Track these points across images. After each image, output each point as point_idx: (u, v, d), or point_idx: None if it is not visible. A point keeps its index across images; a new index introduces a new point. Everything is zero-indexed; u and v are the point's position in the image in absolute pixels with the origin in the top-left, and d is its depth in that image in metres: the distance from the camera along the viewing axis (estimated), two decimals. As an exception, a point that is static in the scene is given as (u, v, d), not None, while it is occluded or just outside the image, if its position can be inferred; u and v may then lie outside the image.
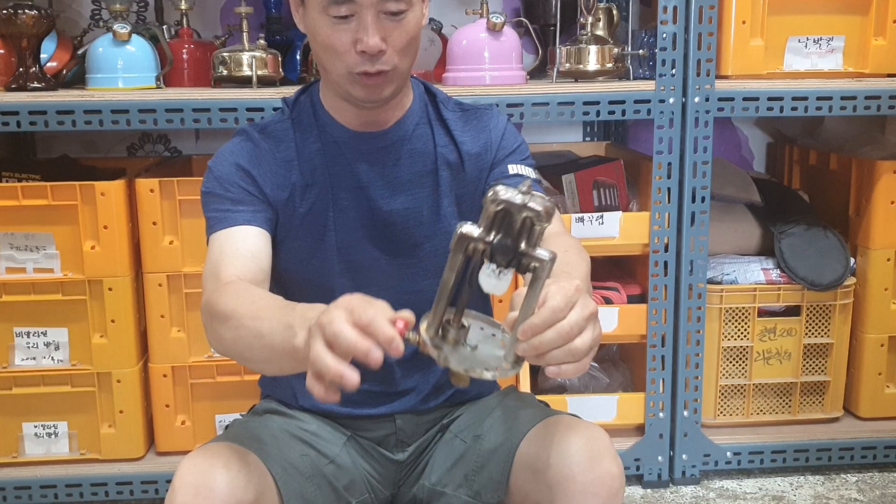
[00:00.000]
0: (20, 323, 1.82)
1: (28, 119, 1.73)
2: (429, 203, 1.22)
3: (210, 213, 1.18)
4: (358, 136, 1.20)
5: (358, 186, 1.20)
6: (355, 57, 1.09)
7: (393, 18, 1.09)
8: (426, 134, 1.24)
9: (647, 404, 1.94)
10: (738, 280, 1.98)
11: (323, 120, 1.21)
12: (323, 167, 1.20)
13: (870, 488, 1.95)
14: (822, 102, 1.84)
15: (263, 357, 0.95)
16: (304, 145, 1.20)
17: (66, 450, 1.87)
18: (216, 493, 0.98)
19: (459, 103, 1.28)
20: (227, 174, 1.17)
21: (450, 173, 1.23)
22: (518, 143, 1.28)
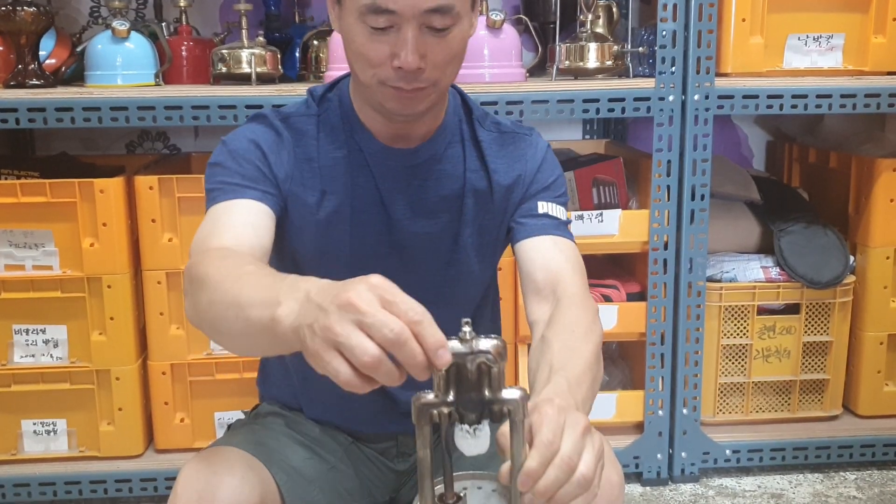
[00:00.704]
0: (19, 320, 1.82)
1: (27, 116, 1.73)
2: (450, 230, 1.15)
3: (214, 185, 1.07)
4: (386, 151, 1.12)
5: (379, 203, 1.12)
6: (390, 71, 0.99)
7: (436, 34, 0.99)
8: (457, 155, 1.15)
9: (647, 402, 1.94)
10: (737, 278, 1.98)
11: (352, 125, 1.12)
12: (345, 176, 1.11)
13: (868, 486, 1.95)
14: (822, 100, 1.84)
15: (237, 329, 0.83)
16: (328, 149, 1.11)
17: (65, 447, 1.87)
18: (219, 499, 0.96)
19: (497, 122, 1.19)
20: (242, 150, 1.08)
21: (476, 201, 1.15)
22: (554, 176, 1.19)
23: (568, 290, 1.08)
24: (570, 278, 1.10)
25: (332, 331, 0.68)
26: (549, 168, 1.19)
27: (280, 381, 1.25)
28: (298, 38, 2.06)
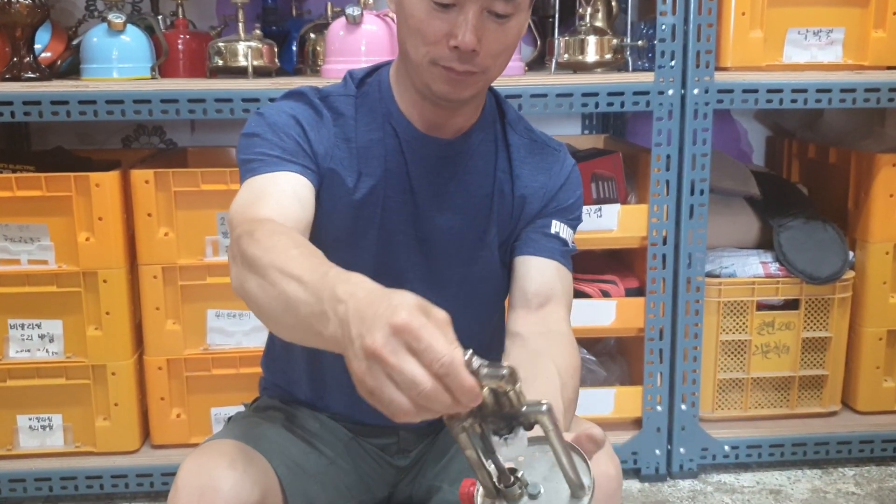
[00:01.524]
0: (14, 315, 1.81)
1: (22, 109, 1.71)
2: (476, 227, 1.14)
3: (252, 156, 1.04)
4: (422, 139, 1.10)
5: (408, 190, 1.11)
6: (445, 50, 0.99)
7: (496, 20, 0.99)
8: (489, 153, 1.15)
9: (645, 398, 1.93)
10: (736, 273, 1.97)
11: (389, 109, 1.11)
12: (379, 159, 1.10)
13: (867, 482, 1.94)
14: (822, 95, 1.83)
15: (286, 323, 0.83)
16: (365, 130, 1.10)
17: (61, 442, 1.86)
18: (221, 494, 0.95)
19: (530, 129, 1.19)
20: (282, 123, 1.06)
21: (501, 203, 1.15)
22: (574, 198, 1.18)
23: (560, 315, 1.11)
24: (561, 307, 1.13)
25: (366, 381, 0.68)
26: (571, 188, 1.18)
27: (285, 364, 1.24)
28: (295, 32, 2.05)
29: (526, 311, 1.12)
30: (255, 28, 1.88)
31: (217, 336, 1.86)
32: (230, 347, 1.86)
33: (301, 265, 0.82)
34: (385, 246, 1.11)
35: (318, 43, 1.97)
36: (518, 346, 1.09)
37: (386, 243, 1.11)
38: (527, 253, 1.15)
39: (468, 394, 0.66)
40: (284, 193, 1.00)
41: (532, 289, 1.12)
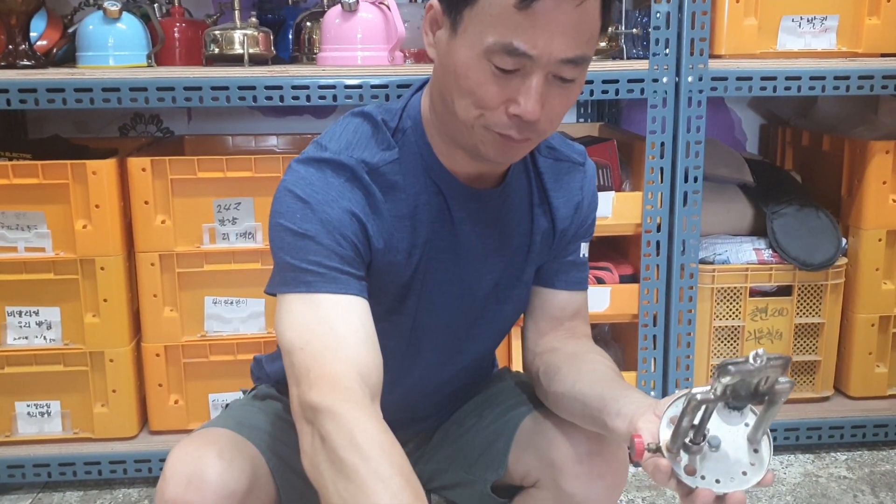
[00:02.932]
0: (12, 302, 1.82)
1: (18, 97, 1.72)
2: (515, 268, 1.11)
3: (303, 264, 0.92)
4: (466, 193, 1.03)
5: (454, 248, 1.04)
6: (503, 117, 0.90)
7: (562, 84, 0.90)
8: (523, 187, 1.08)
9: (639, 383, 1.95)
10: (730, 260, 1.99)
11: (429, 163, 1.01)
12: (427, 224, 1.02)
13: (859, 466, 1.96)
14: (816, 82, 1.84)
15: None
16: (411, 194, 1.00)
17: (60, 429, 1.87)
18: (208, 484, 0.96)
19: (551, 147, 1.11)
20: (338, 222, 0.93)
21: (542, 240, 1.10)
22: (595, 207, 1.16)
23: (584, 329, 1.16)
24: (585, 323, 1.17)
25: None
26: (595, 202, 1.16)
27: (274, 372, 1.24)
28: (291, 20, 2.05)
29: (554, 332, 1.15)
30: (251, 16, 1.88)
31: (215, 323, 1.87)
32: (228, 334, 1.87)
33: None
34: (426, 308, 1.06)
35: (314, 31, 1.97)
36: (557, 354, 1.11)
37: (427, 306, 1.06)
38: (560, 287, 1.14)
39: None
40: (358, 338, 0.90)
41: (562, 315, 1.15)
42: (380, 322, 1.01)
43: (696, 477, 0.83)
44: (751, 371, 0.76)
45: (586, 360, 1.07)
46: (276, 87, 1.73)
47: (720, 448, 0.83)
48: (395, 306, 1.05)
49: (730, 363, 0.76)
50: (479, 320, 1.12)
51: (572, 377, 1.05)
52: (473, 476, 1.17)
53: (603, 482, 1.06)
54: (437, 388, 1.17)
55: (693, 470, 0.83)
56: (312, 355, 0.89)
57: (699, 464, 0.83)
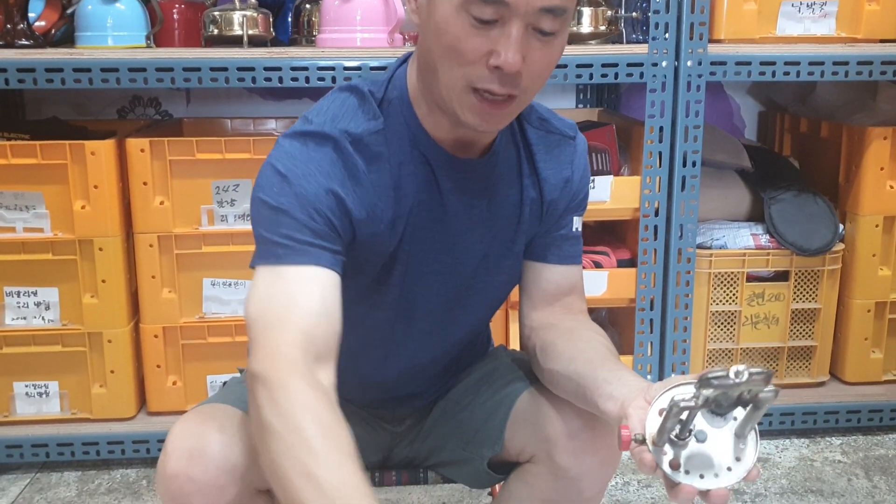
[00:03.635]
0: (10, 282, 1.82)
1: (16, 77, 1.71)
2: (504, 239, 1.10)
3: (275, 237, 0.92)
4: (453, 163, 1.02)
5: (441, 220, 1.04)
6: (484, 70, 0.89)
7: (541, 37, 0.89)
8: (512, 158, 1.08)
9: (636, 367, 1.96)
10: (727, 245, 1.99)
11: (416, 133, 1.01)
12: (412, 194, 1.01)
13: (853, 451, 1.97)
14: (815, 67, 1.84)
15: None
16: (396, 166, 1.00)
17: (58, 409, 1.88)
18: (210, 458, 0.96)
19: (542, 118, 1.10)
20: (314, 196, 0.93)
21: (531, 211, 1.10)
22: (587, 182, 1.15)
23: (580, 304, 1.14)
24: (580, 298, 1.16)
25: None
26: (587, 173, 1.14)
27: None
28: (291, 2, 2.05)
29: (551, 309, 1.14)
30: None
31: (213, 304, 1.87)
32: (226, 316, 1.88)
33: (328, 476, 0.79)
34: (413, 279, 1.06)
35: (313, 13, 1.97)
36: (553, 331, 1.11)
37: (414, 276, 1.06)
38: (552, 261, 1.14)
39: None
40: (312, 308, 0.90)
41: (557, 291, 1.14)
42: (369, 294, 1.01)
43: (680, 472, 0.82)
44: (732, 386, 0.76)
45: (582, 338, 1.07)
46: (276, 68, 1.73)
47: (706, 443, 0.83)
48: (382, 277, 1.04)
49: (712, 377, 0.75)
50: (470, 291, 1.12)
51: (567, 355, 1.04)
52: (470, 453, 1.18)
53: (596, 457, 1.07)
54: (431, 361, 1.18)
55: (677, 464, 0.82)
56: (264, 326, 0.89)
57: (684, 458, 0.82)
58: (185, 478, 0.96)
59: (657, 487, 1.81)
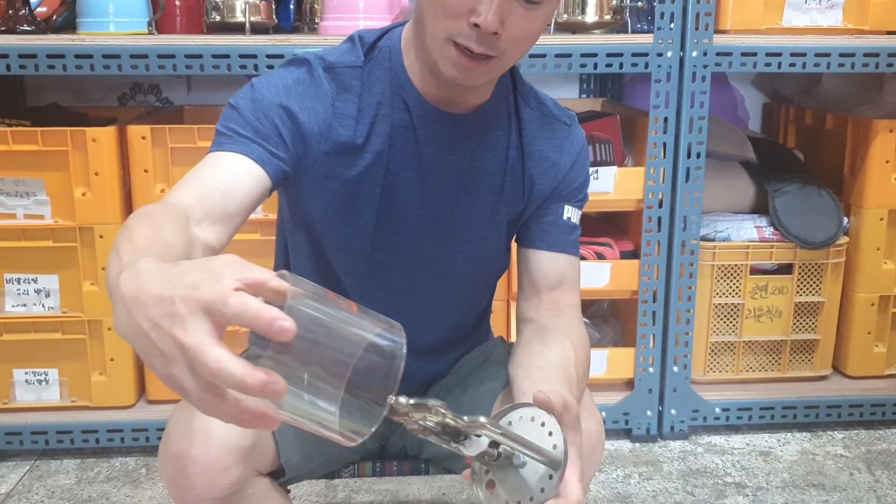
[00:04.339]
0: (10, 269, 1.81)
1: (18, 63, 1.70)
2: (485, 207, 1.10)
3: (223, 129, 0.99)
4: (435, 115, 1.04)
5: (417, 168, 1.06)
6: (465, 26, 0.91)
7: (524, 5, 0.92)
8: (503, 128, 1.09)
9: (638, 359, 1.95)
10: (731, 238, 1.98)
11: (400, 81, 1.04)
12: (385, 136, 1.04)
13: (856, 445, 1.97)
14: (821, 59, 1.83)
15: None
16: (371, 105, 1.03)
17: (57, 397, 1.87)
18: (213, 439, 0.96)
19: (541, 101, 1.13)
20: (268, 105, 0.99)
21: (513, 182, 1.11)
22: (584, 176, 1.15)
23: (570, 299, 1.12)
24: (572, 292, 1.13)
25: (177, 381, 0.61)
26: (581, 165, 1.14)
27: None
28: (293, -11, 2.03)
29: (537, 300, 1.13)
30: (253, -16, 1.86)
31: (213, 293, 1.86)
32: (226, 304, 1.86)
33: (127, 247, 0.72)
34: (386, 224, 1.07)
35: (315, 0, 1.96)
36: (530, 327, 1.11)
37: (387, 221, 1.07)
38: (539, 247, 1.13)
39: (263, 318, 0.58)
40: (215, 181, 0.93)
41: (544, 281, 1.13)
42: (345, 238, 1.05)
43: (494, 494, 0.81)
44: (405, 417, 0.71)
45: (547, 343, 1.05)
46: (278, 55, 1.72)
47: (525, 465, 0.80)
48: (349, 213, 1.05)
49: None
50: (453, 261, 1.11)
51: (520, 358, 1.04)
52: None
53: None
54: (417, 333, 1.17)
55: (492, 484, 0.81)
56: (168, 194, 0.92)
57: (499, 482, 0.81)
58: (188, 459, 0.95)
59: (658, 480, 1.81)
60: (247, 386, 0.57)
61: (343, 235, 1.08)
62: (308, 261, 1.14)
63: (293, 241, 1.17)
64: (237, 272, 0.60)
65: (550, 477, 0.79)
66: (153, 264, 0.64)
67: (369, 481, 1.80)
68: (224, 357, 0.57)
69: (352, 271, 1.11)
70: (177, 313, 0.59)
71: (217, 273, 0.60)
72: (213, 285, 0.59)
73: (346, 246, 1.09)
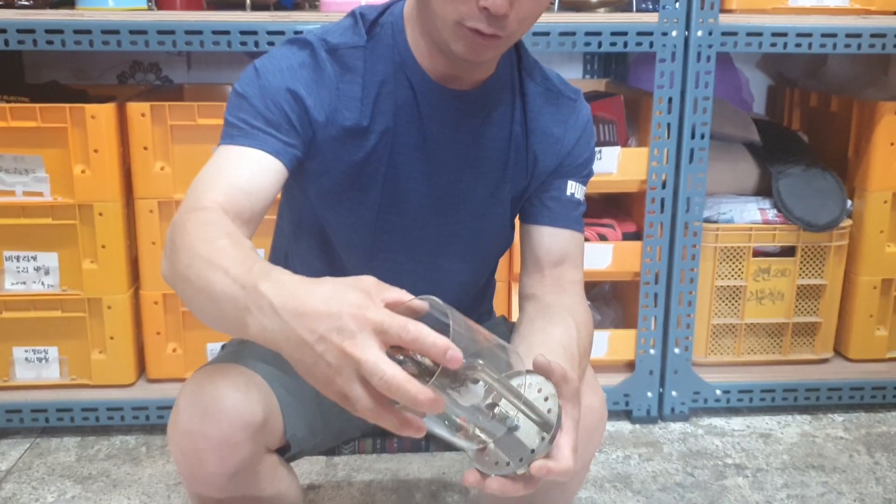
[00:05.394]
0: (10, 247, 1.80)
1: (16, 38, 1.69)
2: (490, 183, 1.10)
3: (233, 119, 0.99)
4: (439, 91, 1.04)
5: (421, 146, 1.05)
6: (474, 9, 0.91)
7: None
8: (506, 103, 1.09)
9: (639, 341, 1.94)
10: (734, 220, 1.97)
11: (403, 58, 1.03)
12: (389, 114, 1.04)
13: (856, 427, 1.97)
14: (827, 39, 1.81)
15: (211, 316, 0.82)
16: (374, 84, 1.03)
17: (57, 375, 1.87)
18: (224, 415, 0.95)
19: (546, 76, 1.12)
20: (274, 90, 0.99)
21: (517, 157, 1.10)
22: (589, 152, 1.14)
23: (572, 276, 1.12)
24: (574, 269, 1.13)
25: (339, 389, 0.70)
26: (586, 141, 1.14)
27: None
28: (295, -34, 2.01)
29: (540, 276, 1.12)
30: (254, -40, 1.84)
31: (213, 272, 1.86)
32: (226, 283, 1.86)
33: (227, 256, 0.80)
34: (390, 202, 1.07)
35: (317, -23, 1.94)
36: (532, 304, 1.10)
37: (391, 200, 1.07)
38: (542, 223, 1.13)
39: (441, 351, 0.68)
40: (240, 181, 0.94)
41: (547, 257, 1.12)
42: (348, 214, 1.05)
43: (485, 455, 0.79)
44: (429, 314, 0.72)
45: (550, 320, 1.04)
46: (279, 32, 1.70)
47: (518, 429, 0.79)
48: (353, 192, 1.05)
49: None
50: (457, 239, 1.11)
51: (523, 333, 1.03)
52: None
53: None
54: None
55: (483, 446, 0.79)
56: (193, 191, 0.94)
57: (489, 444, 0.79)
58: (199, 435, 0.95)
59: (658, 461, 1.81)
60: (419, 402, 0.66)
61: (347, 214, 1.07)
62: (308, 240, 1.14)
63: (293, 220, 1.16)
64: (381, 293, 0.71)
65: (542, 439, 0.78)
66: (289, 275, 0.73)
67: (369, 460, 1.80)
68: (399, 374, 0.66)
69: (354, 250, 1.10)
70: (346, 328, 0.67)
71: (369, 293, 0.70)
72: (378, 307, 0.68)
73: (349, 225, 1.08)
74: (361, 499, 1.66)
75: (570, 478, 0.80)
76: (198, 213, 0.89)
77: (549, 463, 0.77)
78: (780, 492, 1.70)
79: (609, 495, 1.68)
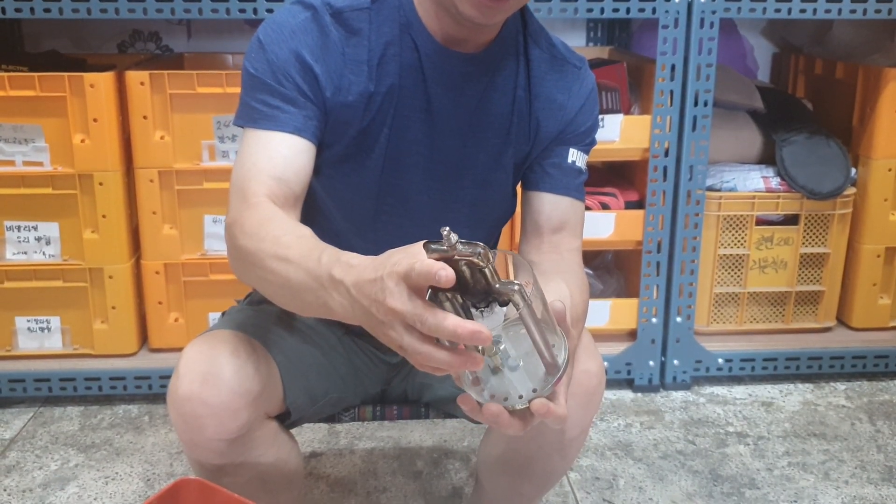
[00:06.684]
0: (10, 217, 1.80)
1: (13, 6, 1.67)
2: (492, 149, 1.09)
3: (254, 103, 1.00)
4: (443, 53, 1.03)
5: (425, 109, 1.05)
6: None
7: None
8: (511, 68, 1.08)
9: (641, 310, 1.94)
10: (737, 188, 1.96)
11: (409, 20, 1.03)
12: (394, 76, 1.03)
13: (858, 396, 1.97)
14: (832, 5, 1.79)
15: (297, 306, 0.87)
16: (380, 46, 1.02)
17: (60, 344, 1.87)
18: (224, 381, 0.96)
19: (552, 43, 1.11)
20: (283, 62, 0.99)
21: (520, 123, 1.09)
22: (592, 120, 1.13)
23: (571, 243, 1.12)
24: (573, 236, 1.13)
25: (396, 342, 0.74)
26: (589, 110, 1.13)
27: None
28: (294, -68, 1.99)
29: (539, 242, 1.12)
30: (252, -74, 1.82)
31: (214, 241, 1.86)
32: (227, 253, 1.86)
33: (295, 251, 0.85)
34: (393, 166, 1.06)
35: (316, -57, 1.91)
36: None
37: (394, 163, 1.06)
38: (543, 189, 1.12)
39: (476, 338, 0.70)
40: (276, 168, 0.97)
41: (546, 224, 1.12)
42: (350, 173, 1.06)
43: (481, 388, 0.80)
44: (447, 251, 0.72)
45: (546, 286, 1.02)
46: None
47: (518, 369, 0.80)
48: (357, 155, 1.05)
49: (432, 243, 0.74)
50: (461, 205, 1.11)
51: None
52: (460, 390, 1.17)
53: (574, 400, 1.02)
54: None
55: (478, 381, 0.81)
56: (238, 187, 0.97)
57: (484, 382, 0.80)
58: (199, 401, 0.96)
59: (659, 430, 1.81)
60: (459, 336, 0.69)
61: (351, 176, 1.07)
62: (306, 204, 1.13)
63: None
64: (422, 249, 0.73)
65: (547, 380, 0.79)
66: (353, 256, 0.78)
67: (371, 428, 1.80)
68: (439, 314, 0.70)
69: (356, 214, 1.09)
70: (386, 287, 0.71)
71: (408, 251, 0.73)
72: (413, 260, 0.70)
73: (353, 186, 1.08)
74: (363, 466, 1.67)
75: (563, 425, 0.83)
76: (251, 212, 0.93)
77: (550, 404, 0.78)
78: (781, 459, 1.70)
79: (610, 463, 1.69)
